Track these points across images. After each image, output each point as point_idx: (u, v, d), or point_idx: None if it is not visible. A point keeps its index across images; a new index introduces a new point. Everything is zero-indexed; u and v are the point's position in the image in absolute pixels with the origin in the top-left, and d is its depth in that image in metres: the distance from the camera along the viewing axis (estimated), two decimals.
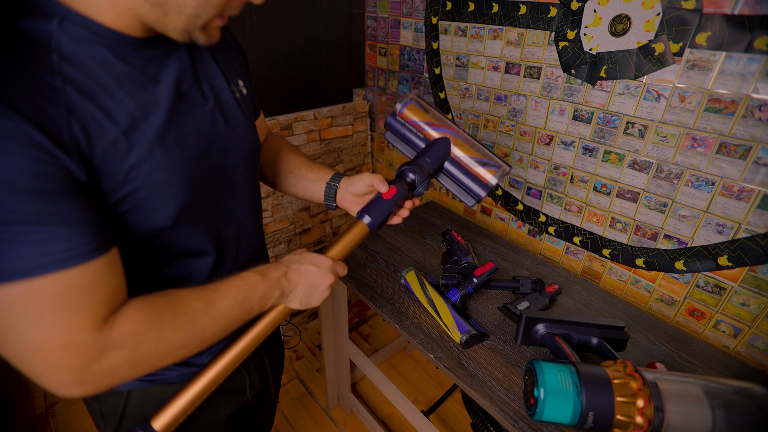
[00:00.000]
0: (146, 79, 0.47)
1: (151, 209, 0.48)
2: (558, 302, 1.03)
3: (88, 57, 0.43)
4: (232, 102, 0.59)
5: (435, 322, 0.95)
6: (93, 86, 0.43)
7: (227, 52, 0.61)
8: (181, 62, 0.52)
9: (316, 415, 1.55)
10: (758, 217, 0.86)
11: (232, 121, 0.58)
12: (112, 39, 0.45)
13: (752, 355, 0.94)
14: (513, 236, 1.39)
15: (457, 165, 0.68)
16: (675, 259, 1.01)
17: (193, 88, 0.53)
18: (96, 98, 0.43)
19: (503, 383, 0.80)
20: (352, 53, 1.67)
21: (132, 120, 0.45)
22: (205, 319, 0.49)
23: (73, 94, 0.41)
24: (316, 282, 0.60)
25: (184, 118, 0.51)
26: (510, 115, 1.26)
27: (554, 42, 1.08)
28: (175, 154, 0.49)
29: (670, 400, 0.59)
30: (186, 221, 0.53)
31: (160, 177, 0.47)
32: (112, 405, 0.62)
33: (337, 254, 0.64)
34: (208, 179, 0.55)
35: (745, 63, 0.80)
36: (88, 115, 0.42)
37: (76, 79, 0.42)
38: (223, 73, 0.58)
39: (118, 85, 0.45)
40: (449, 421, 1.52)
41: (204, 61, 0.56)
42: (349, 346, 1.31)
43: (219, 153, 0.56)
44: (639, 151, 1.00)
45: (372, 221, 0.64)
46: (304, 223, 1.72)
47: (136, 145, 0.45)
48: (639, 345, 0.91)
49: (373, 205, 0.65)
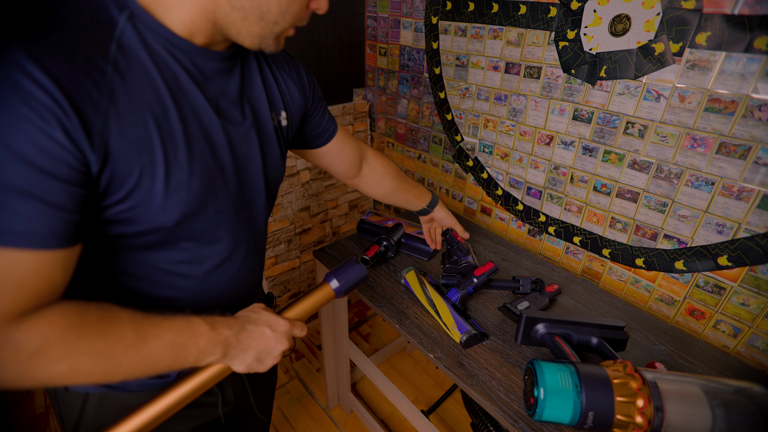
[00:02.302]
0: (192, 85, 0.49)
1: (159, 207, 0.47)
2: (558, 302, 1.03)
3: (144, 53, 0.44)
4: (269, 127, 0.60)
5: (435, 322, 0.95)
6: (140, 78, 0.43)
7: (279, 82, 0.63)
8: (231, 79, 0.54)
9: (316, 415, 1.55)
10: (758, 217, 0.86)
11: (263, 145, 0.59)
12: (174, 43, 0.46)
13: (752, 355, 0.94)
14: (513, 236, 1.39)
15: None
16: (675, 259, 1.01)
17: (233, 106, 0.54)
18: (140, 90, 0.43)
19: (503, 383, 0.80)
20: (352, 53, 1.67)
21: (167, 118, 0.46)
22: (128, 351, 0.44)
23: (119, 82, 0.42)
24: (269, 347, 0.55)
25: (218, 130, 0.51)
26: (510, 115, 1.26)
27: (554, 42, 1.08)
28: (196, 161, 0.49)
29: (670, 399, 0.59)
30: (190, 229, 0.52)
31: (178, 178, 0.47)
32: (69, 408, 0.59)
33: (297, 316, 0.61)
34: (224, 194, 0.54)
35: (745, 63, 0.80)
36: (127, 104, 0.42)
37: (125, 70, 0.42)
38: (269, 99, 0.60)
39: (164, 83, 0.45)
40: (449, 421, 1.52)
41: (252, 84, 0.58)
42: (349, 346, 1.31)
43: (242, 171, 0.57)
44: (639, 151, 1.00)
45: (339, 287, 0.64)
46: (304, 223, 1.72)
47: (164, 141, 0.45)
48: (639, 345, 0.91)
49: (345, 269, 0.64)
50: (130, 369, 0.45)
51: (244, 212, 0.60)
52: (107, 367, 0.43)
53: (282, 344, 0.56)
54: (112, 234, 0.48)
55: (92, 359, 0.42)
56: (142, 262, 0.52)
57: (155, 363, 0.46)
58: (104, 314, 0.44)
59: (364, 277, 0.65)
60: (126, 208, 0.45)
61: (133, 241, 0.50)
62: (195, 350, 0.49)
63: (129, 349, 0.44)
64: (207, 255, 0.57)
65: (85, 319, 0.42)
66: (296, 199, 1.64)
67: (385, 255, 1.14)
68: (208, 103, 0.50)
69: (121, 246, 0.50)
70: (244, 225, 0.61)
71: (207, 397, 0.65)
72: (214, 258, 0.58)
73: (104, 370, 0.43)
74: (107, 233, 0.48)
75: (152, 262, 0.53)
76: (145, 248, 0.51)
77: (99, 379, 0.44)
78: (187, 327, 0.49)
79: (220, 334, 0.51)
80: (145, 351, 0.45)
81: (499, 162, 1.34)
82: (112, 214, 0.45)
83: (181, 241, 0.53)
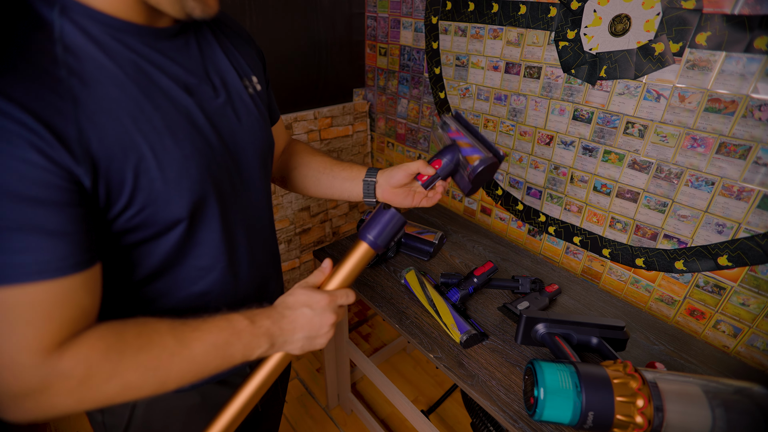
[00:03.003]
0: (154, 69, 0.46)
1: (167, 201, 0.46)
2: (558, 302, 1.03)
3: (92, 46, 0.41)
4: (245, 97, 0.57)
5: (435, 322, 0.95)
6: (99, 76, 0.41)
7: (240, 48, 0.60)
8: (190, 55, 0.51)
9: (316, 415, 1.55)
10: (758, 217, 0.86)
11: (244, 117, 0.57)
12: (116, 27, 0.43)
13: (752, 355, 0.94)
14: (513, 236, 1.39)
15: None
16: (675, 259, 1.01)
17: (203, 82, 0.52)
18: (103, 88, 0.41)
19: (503, 383, 0.80)
20: (352, 53, 1.67)
21: (141, 110, 0.44)
22: (173, 359, 0.44)
23: (78, 86, 0.39)
24: (314, 327, 0.53)
25: (195, 111, 0.49)
26: (510, 115, 1.26)
27: (554, 42, 1.08)
28: (186, 147, 0.47)
29: (670, 399, 0.59)
30: (203, 216, 0.51)
31: (174, 168, 0.46)
32: (117, 416, 0.59)
33: (339, 284, 0.57)
34: (222, 174, 0.53)
35: (744, 63, 0.80)
36: (95, 106, 0.40)
37: (81, 71, 0.40)
38: (235, 68, 0.57)
39: (125, 75, 0.43)
40: (449, 421, 1.52)
41: (215, 56, 0.55)
42: (349, 346, 1.31)
43: (232, 148, 0.55)
44: (639, 151, 1.00)
45: (374, 240, 0.57)
46: (304, 223, 1.72)
47: (146, 135, 0.44)
48: (639, 345, 0.91)
49: (377, 220, 0.57)
50: (181, 376, 0.45)
51: (243, 191, 0.59)
52: (157, 378, 0.44)
53: (328, 318, 0.54)
54: (132, 243, 0.47)
55: (140, 373, 0.42)
56: (168, 263, 0.52)
57: (203, 365, 0.46)
58: (141, 329, 0.44)
59: (399, 222, 0.57)
60: (134, 213, 0.45)
61: (156, 245, 0.49)
62: (240, 346, 0.48)
63: (174, 357, 0.44)
64: (224, 240, 0.56)
65: (123, 337, 0.42)
66: (296, 199, 1.64)
67: (385, 255, 1.14)
68: (177, 84, 0.48)
69: (144, 253, 0.49)
70: (248, 202, 0.60)
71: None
72: (231, 242, 0.57)
73: (155, 381, 0.44)
74: (126, 244, 0.47)
75: (177, 260, 0.53)
76: (168, 248, 0.51)
77: (153, 390, 0.44)
78: (227, 325, 0.48)
79: (261, 326, 0.50)
80: (190, 356, 0.45)
81: None
82: (123, 223, 0.45)
83: (198, 232, 0.52)
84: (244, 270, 0.61)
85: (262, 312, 0.52)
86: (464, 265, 1.15)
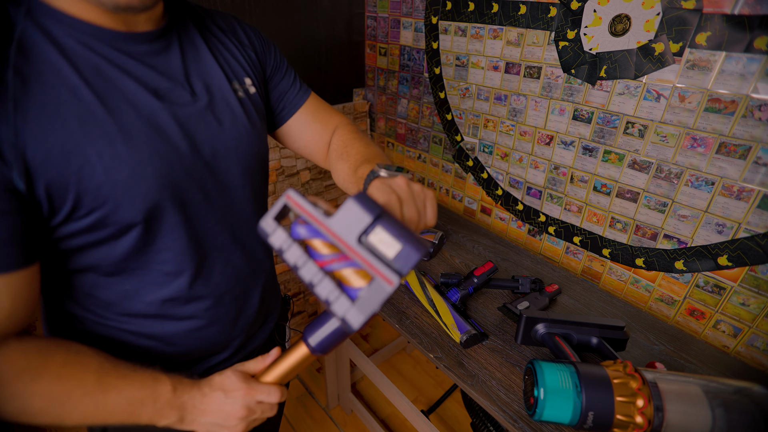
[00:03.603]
0: (118, 73, 0.45)
1: (116, 206, 0.45)
2: (558, 302, 1.03)
3: (51, 48, 0.41)
4: (232, 101, 0.56)
5: (435, 322, 0.95)
6: (50, 78, 0.41)
7: (233, 50, 0.59)
8: (169, 59, 0.50)
9: (316, 415, 1.55)
10: (758, 217, 0.86)
11: (227, 122, 0.55)
12: (85, 31, 0.43)
13: (752, 355, 0.94)
14: (513, 236, 1.39)
15: None
16: (675, 259, 1.01)
17: (179, 86, 0.50)
18: (51, 91, 0.41)
19: (503, 383, 0.80)
20: (352, 53, 1.67)
21: (91, 114, 0.43)
22: (84, 399, 0.43)
23: (20, 87, 0.39)
24: (222, 416, 0.49)
25: (162, 115, 0.48)
26: (510, 115, 1.26)
27: (554, 42, 1.08)
28: (143, 151, 0.46)
29: (670, 399, 0.59)
30: (163, 223, 0.50)
31: (124, 172, 0.45)
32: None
33: (272, 380, 0.51)
34: (189, 181, 0.51)
35: (744, 63, 0.80)
36: (38, 109, 0.40)
37: (28, 72, 0.39)
38: (224, 70, 0.56)
39: (80, 78, 0.42)
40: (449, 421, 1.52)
41: (201, 59, 0.54)
42: (349, 345, 1.31)
43: (207, 154, 0.53)
44: (639, 151, 1.00)
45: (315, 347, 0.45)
46: None
47: (93, 139, 0.43)
48: (639, 345, 0.91)
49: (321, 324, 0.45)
50: (83, 416, 0.44)
51: (220, 198, 0.56)
52: (60, 412, 0.43)
53: (237, 411, 0.49)
54: (89, 243, 0.47)
55: (45, 402, 0.42)
56: (129, 266, 0.51)
57: (109, 414, 0.45)
58: (70, 358, 0.43)
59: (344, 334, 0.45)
60: (84, 214, 0.44)
61: (113, 247, 0.48)
62: (151, 409, 0.47)
63: (85, 398, 0.43)
64: (190, 247, 0.54)
65: (47, 362, 0.41)
66: None
67: None
68: (143, 88, 0.47)
69: (102, 254, 0.49)
70: (227, 209, 0.58)
71: None
72: (200, 249, 0.55)
73: (57, 414, 0.43)
74: (84, 244, 0.46)
75: (140, 264, 0.51)
76: (125, 250, 0.49)
77: (49, 421, 0.43)
78: (151, 384, 0.47)
79: (180, 397, 0.49)
80: (101, 402, 0.44)
81: (499, 162, 1.34)
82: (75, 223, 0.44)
83: (159, 237, 0.51)
84: (217, 279, 0.59)
85: (189, 384, 0.51)
86: (464, 265, 1.15)
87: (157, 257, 0.52)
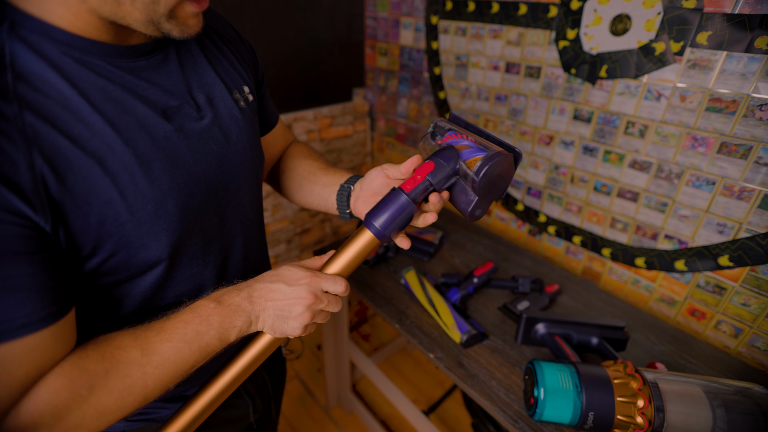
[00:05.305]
0: (127, 95, 0.41)
1: (141, 246, 0.43)
2: (558, 302, 1.03)
3: (52, 73, 0.36)
4: (236, 112, 0.53)
5: (435, 322, 0.95)
6: (58, 110, 0.36)
7: (229, 56, 0.55)
8: (169, 72, 0.46)
9: (316, 415, 1.55)
10: (759, 217, 0.86)
11: (234, 135, 0.52)
12: (80, 48, 0.38)
13: (753, 355, 0.93)
14: (513, 236, 1.39)
15: None
16: (675, 259, 1.01)
17: (185, 103, 0.47)
18: (62, 124, 0.36)
19: (503, 383, 0.80)
20: (352, 53, 1.66)
21: (108, 148, 0.39)
22: (144, 370, 0.41)
23: (33, 122, 0.35)
24: (286, 304, 0.46)
25: (174, 138, 0.45)
26: (510, 114, 1.26)
27: (554, 42, 1.08)
28: (163, 182, 0.43)
29: (671, 400, 0.59)
30: (183, 254, 0.48)
31: (147, 209, 0.42)
32: None
33: (336, 270, 0.50)
34: (206, 204, 0.49)
35: (745, 62, 0.80)
36: (53, 146, 0.36)
37: (35, 102, 0.35)
38: (223, 80, 0.52)
39: (91, 107, 0.38)
40: (449, 421, 1.52)
41: (200, 70, 0.50)
42: (349, 345, 1.31)
43: (218, 173, 0.50)
44: (639, 150, 1.00)
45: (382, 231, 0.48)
46: (304, 222, 1.72)
47: (114, 177, 0.39)
48: (639, 345, 0.91)
49: (386, 206, 0.48)
50: (160, 383, 0.42)
51: (233, 218, 0.55)
52: (134, 395, 0.41)
53: (302, 299, 0.46)
54: (106, 284, 0.45)
55: (114, 396, 0.40)
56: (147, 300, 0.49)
57: (180, 365, 0.43)
58: (104, 350, 0.41)
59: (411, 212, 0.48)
60: (103, 260, 0.41)
61: (132, 286, 0.47)
62: (212, 332, 0.44)
63: (144, 368, 0.41)
64: (215, 275, 0.54)
65: (86, 367, 0.39)
66: None
67: (385, 255, 1.14)
68: (154, 111, 0.43)
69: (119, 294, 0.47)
70: (234, 231, 0.56)
71: (234, 410, 0.65)
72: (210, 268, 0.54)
73: (134, 398, 0.41)
74: (100, 285, 0.44)
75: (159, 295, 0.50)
76: (146, 288, 0.48)
77: (138, 405, 0.42)
78: (192, 315, 0.44)
79: (230, 303, 0.46)
80: (161, 362, 0.42)
81: None
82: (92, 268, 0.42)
83: (179, 268, 0.49)
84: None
85: (231, 289, 0.48)
86: (464, 265, 1.15)
87: (173, 291, 0.50)
